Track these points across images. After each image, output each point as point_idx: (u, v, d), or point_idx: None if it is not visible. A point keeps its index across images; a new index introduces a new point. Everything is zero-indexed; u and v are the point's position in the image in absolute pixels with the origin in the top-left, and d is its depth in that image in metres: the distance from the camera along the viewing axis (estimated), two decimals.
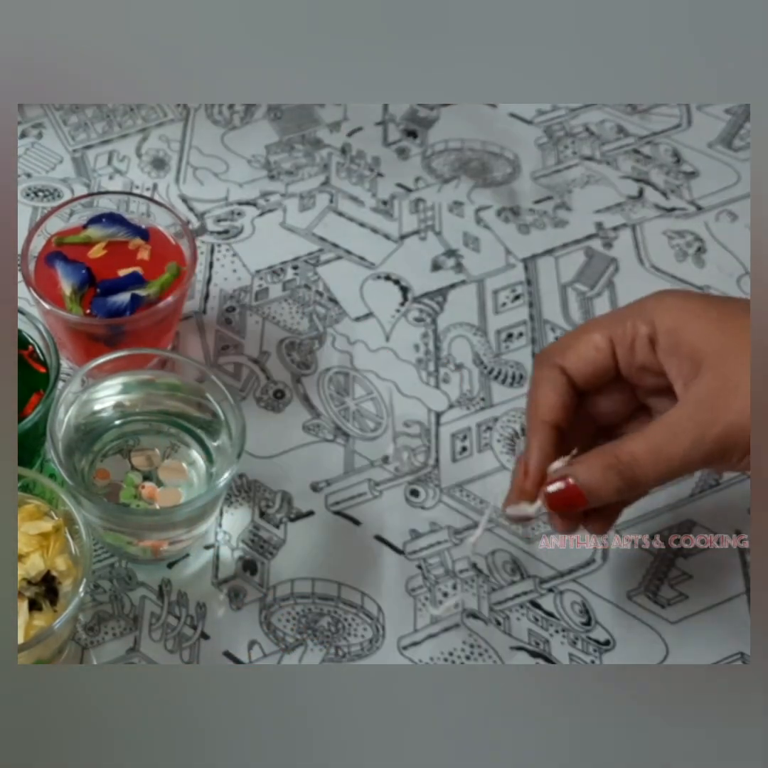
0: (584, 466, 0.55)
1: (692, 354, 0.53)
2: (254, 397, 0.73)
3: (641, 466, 0.53)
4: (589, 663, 0.65)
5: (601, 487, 0.54)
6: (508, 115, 0.90)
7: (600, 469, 0.54)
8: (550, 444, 0.57)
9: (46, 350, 0.64)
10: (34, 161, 0.84)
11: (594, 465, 0.54)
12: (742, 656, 0.65)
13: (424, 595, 0.67)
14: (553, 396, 0.57)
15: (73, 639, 0.63)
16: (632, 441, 0.54)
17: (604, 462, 0.54)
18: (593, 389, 0.58)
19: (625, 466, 0.53)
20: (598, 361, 0.57)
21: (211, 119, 0.88)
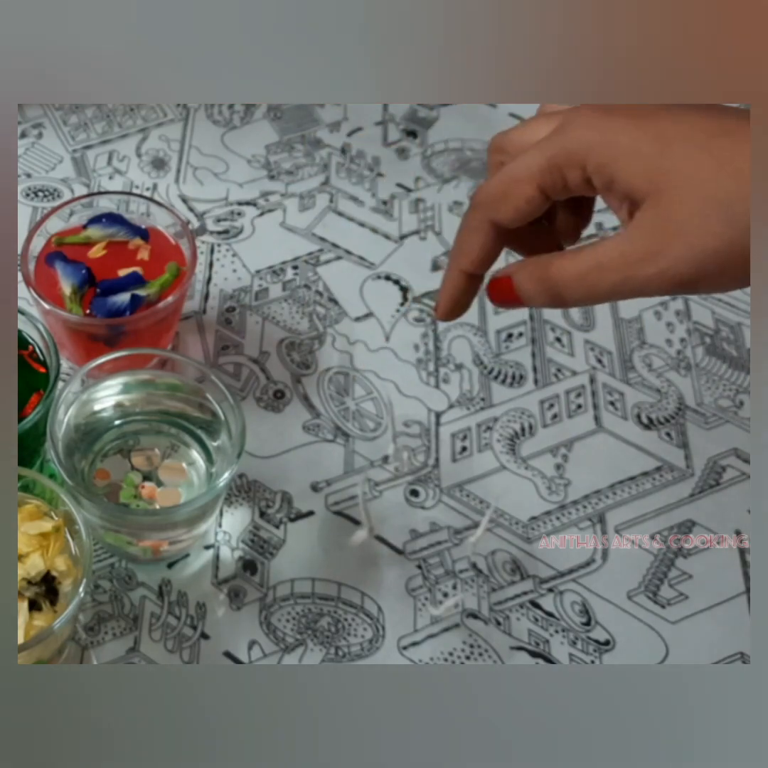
0: (522, 271, 0.54)
1: (629, 193, 0.51)
2: (254, 397, 0.74)
3: (567, 288, 0.52)
4: (589, 663, 0.65)
5: (531, 295, 0.53)
6: (508, 115, 0.90)
7: (532, 279, 0.53)
8: (461, 292, 0.56)
9: (46, 350, 0.64)
10: (34, 161, 0.84)
11: (529, 273, 0.53)
12: (742, 656, 0.65)
13: (424, 595, 0.67)
14: (477, 248, 0.55)
15: (73, 639, 0.63)
16: (564, 260, 0.52)
17: (537, 273, 0.53)
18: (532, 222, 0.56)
19: (552, 283, 0.52)
20: (530, 210, 0.54)
21: (210, 119, 0.88)
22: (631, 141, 0.51)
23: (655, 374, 0.76)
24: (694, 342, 0.78)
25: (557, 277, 0.52)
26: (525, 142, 0.55)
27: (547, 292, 0.53)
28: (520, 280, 0.54)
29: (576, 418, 0.74)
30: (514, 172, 0.54)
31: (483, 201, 0.55)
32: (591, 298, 0.52)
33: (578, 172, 0.52)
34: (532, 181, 0.53)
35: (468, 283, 0.56)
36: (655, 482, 0.72)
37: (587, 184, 0.52)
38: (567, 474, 0.72)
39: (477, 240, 0.55)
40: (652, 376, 0.76)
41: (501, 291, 0.55)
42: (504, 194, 0.54)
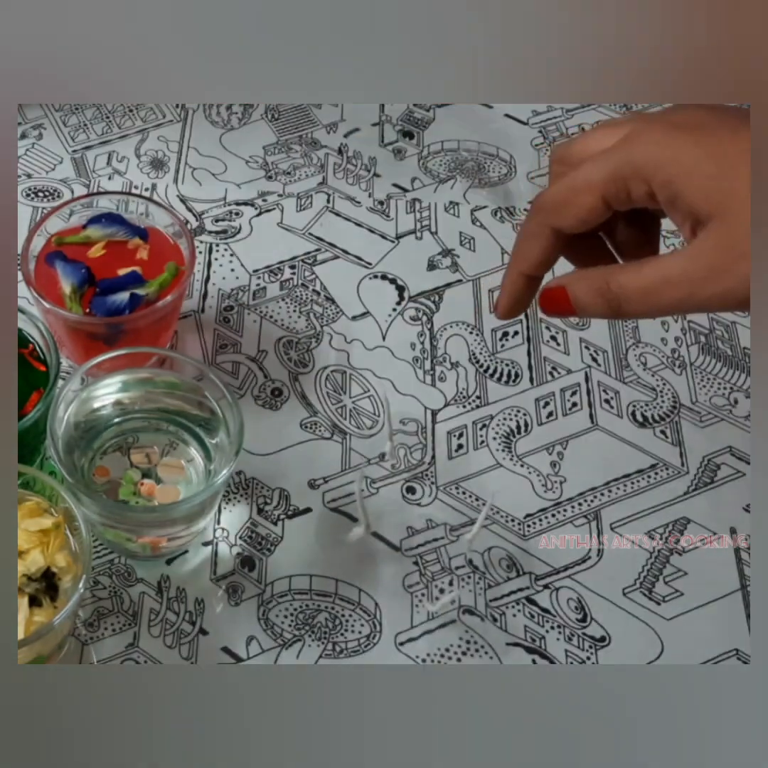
0: (580, 282, 0.54)
1: (693, 212, 0.51)
2: (252, 395, 0.74)
3: (629, 301, 0.52)
4: (585, 660, 0.65)
5: (587, 306, 0.54)
6: (504, 115, 0.90)
7: (591, 291, 0.53)
8: (520, 293, 0.57)
9: (46, 349, 0.65)
10: (34, 162, 0.84)
11: (587, 284, 0.54)
12: (737, 652, 0.66)
13: (421, 592, 0.67)
14: (537, 253, 0.56)
15: (72, 635, 0.63)
16: (626, 273, 0.53)
17: (596, 285, 0.53)
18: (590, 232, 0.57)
19: (613, 296, 0.52)
20: (591, 219, 0.55)
21: (209, 120, 0.88)
22: (695, 160, 0.51)
23: (650, 372, 0.77)
24: (689, 341, 0.79)
25: (619, 290, 0.52)
26: (587, 153, 0.55)
27: (606, 304, 0.53)
28: (577, 291, 0.54)
29: (571, 416, 0.75)
30: (577, 180, 0.54)
31: (545, 206, 0.55)
32: (651, 313, 0.53)
33: (642, 186, 0.52)
34: (595, 191, 0.54)
35: (527, 285, 0.57)
36: (650, 480, 0.72)
37: (651, 197, 0.53)
38: (562, 471, 0.72)
39: (537, 244, 0.56)
40: (647, 375, 0.77)
41: (554, 301, 0.55)
42: (566, 201, 0.55)
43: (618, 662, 0.65)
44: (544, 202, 0.55)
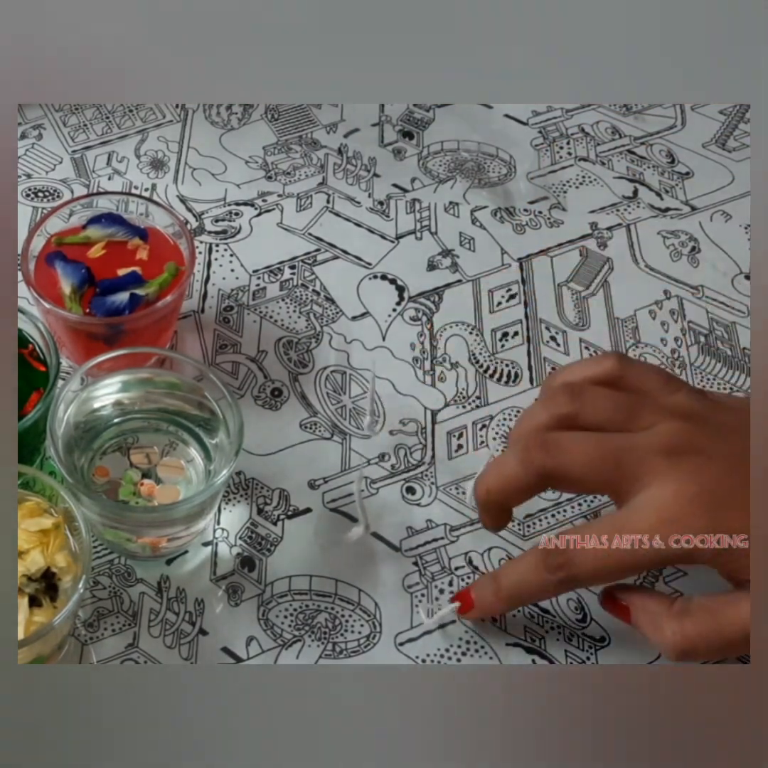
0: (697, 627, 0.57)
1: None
2: (252, 395, 0.74)
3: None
4: (585, 660, 0.65)
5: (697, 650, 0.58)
6: (504, 116, 0.90)
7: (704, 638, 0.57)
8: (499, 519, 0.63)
9: (46, 349, 0.65)
10: (34, 162, 0.84)
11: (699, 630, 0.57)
12: None
13: (421, 592, 0.67)
14: (520, 494, 0.60)
15: (72, 635, 0.63)
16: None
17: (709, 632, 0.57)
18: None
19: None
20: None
21: (209, 120, 0.88)
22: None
23: None
24: (689, 341, 0.79)
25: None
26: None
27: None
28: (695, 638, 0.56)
29: None
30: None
31: (542, 452, 0.58)
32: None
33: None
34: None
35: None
36: None
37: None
38: None
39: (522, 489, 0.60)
40: None
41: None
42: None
43: (618, 662, 0.65)
44: (540, 453, 0.58)
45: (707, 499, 0.54)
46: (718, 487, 0.54)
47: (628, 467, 0.56)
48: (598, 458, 0.56)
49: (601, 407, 0.58)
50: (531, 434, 0.58)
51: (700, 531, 0.53)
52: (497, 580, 0.61)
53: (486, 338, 0.78)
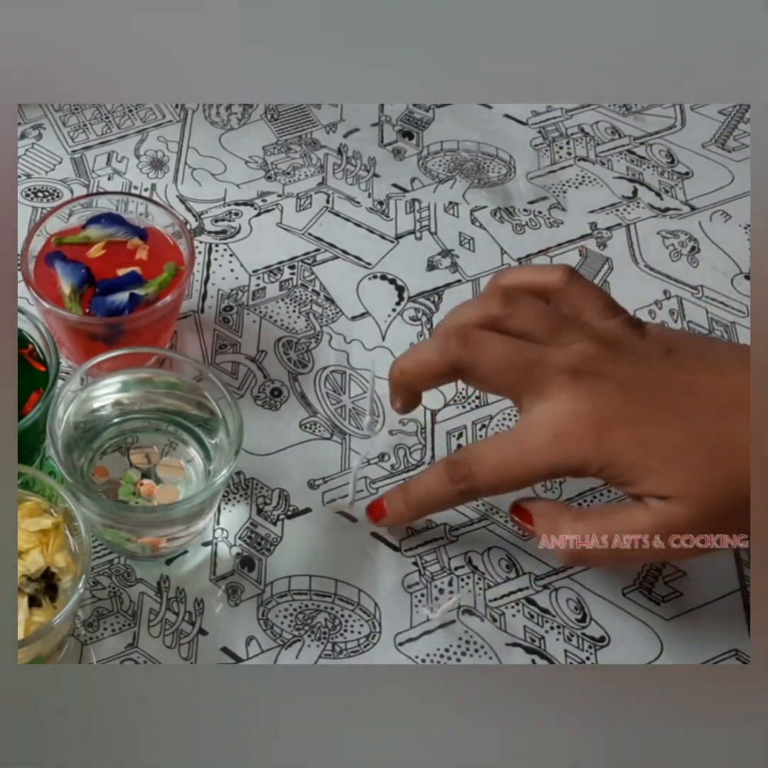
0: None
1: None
2: (251, 395, 0.74)
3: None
4: (585, 660, 0.65)
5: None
6: (503, 116, 0.90)
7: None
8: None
9: (46, 349, 0.65)
10: (33, 162, 0.85)
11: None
12: (737, 653, 0.66)
13: (421, 592, 0.67)
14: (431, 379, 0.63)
15: (72, 635, 0.63)
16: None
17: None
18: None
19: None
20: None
21: (209, 120, 0.88)
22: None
23: None
24: None
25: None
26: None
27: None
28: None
29: None
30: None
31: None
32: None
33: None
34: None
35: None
36: None
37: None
38: None
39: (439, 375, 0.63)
40: None
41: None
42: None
43: (618, 662, 0.65)
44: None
45: (599, 419, 0.57)
46: (609, 408, 0.57)
47: (534, 378, 0.58)
48: (509, 363, 0.59)
49: (528, 317, 0.60)
50: (456, 327, 0.61)
51: (589, 449, 0.56)
52: (407, 491, 0.65)
53: None
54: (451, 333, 0.60)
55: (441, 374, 0.61)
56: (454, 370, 0.60)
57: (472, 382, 0.62)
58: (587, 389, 0.58)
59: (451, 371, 0.61)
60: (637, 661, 0.65)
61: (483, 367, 0.59)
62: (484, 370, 0.59)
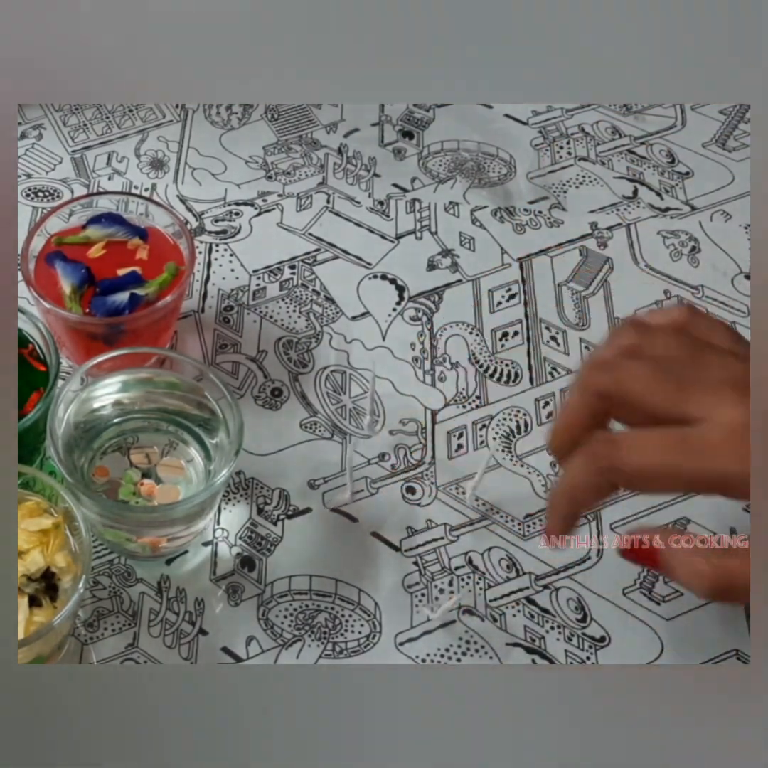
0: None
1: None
2: (252, 395, 0.74)
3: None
4: (585, 660, 0.65)
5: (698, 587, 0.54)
6: (504, 115, 0.90)
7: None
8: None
9: (46, 349, 0.65)
10: (34, 162, 0.85)
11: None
12: (737, 653, 0.66)
13: (421, 592, 0.67)
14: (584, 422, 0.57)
15: (72, 635, 0.63)
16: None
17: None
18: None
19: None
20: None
21: (209, 120, 0.88)
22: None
23: None
24: None
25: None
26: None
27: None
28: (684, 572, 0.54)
29: None
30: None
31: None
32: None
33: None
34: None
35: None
36: None
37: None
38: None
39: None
40: None
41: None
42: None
43: (618, 662, 0.65)
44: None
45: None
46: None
47: (693, 390, 0.54)
48: (661, 378, 0.55)
49: (666, 343, 0.57)
50: (594, 363, 0.58)
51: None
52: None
53: (486, 338, 0.78)
54: (591, 367, 0.57)
55: (591, 413, 0.57)
56: (601, 399, 0.56)
57: (623, 411, 0.57)
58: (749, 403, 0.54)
59: (599, 402, 0.56)
60: (638, 661, 0.65)
61: (633, 389, 0.55)
62: (635, 392, 0.55)
